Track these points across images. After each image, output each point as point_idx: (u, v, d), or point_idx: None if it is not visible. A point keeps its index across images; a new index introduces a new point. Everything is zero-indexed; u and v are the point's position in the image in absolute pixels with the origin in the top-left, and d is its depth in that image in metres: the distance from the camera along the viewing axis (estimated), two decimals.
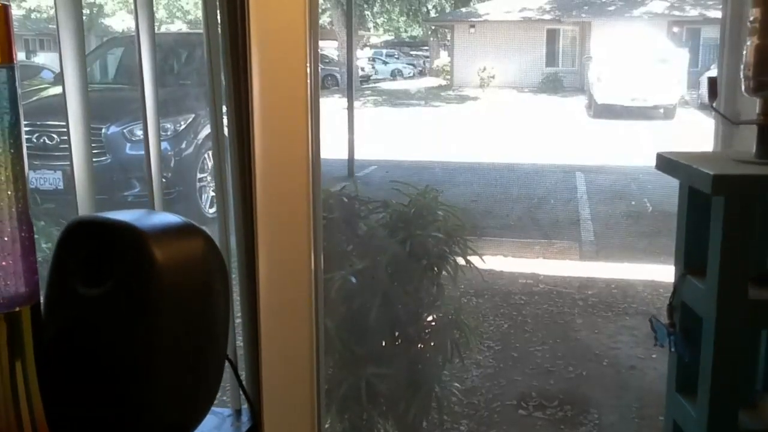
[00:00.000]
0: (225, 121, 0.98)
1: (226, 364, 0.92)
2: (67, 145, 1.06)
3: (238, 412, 1.00)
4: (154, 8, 1.08)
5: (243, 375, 1.01)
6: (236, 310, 1.07)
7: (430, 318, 2.89)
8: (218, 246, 0.88)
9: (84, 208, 0.98)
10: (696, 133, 13.53)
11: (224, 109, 0.98)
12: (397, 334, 2.81)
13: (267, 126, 0.91)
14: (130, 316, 0.78)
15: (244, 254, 0.95)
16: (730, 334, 1.69)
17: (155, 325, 0.78)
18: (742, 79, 1.74)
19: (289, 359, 0.97)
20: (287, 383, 0.97)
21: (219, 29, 0.95)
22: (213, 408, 0.92)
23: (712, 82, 1.87)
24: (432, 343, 2.88)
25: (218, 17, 0.95)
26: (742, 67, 1.73)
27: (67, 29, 0.93)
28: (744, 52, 1.71)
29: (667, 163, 1.91)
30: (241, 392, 0.98)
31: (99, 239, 0.80)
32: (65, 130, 1.06)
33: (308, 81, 0.95)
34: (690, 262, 1.91)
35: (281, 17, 0.92)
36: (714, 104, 1.84)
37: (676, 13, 26.09)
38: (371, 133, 13.57)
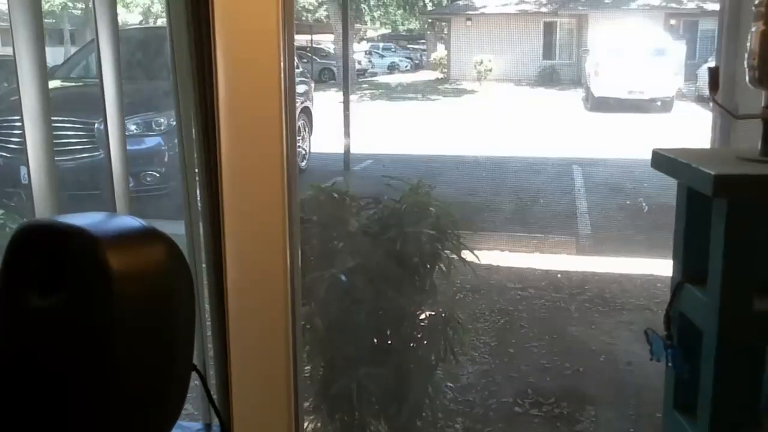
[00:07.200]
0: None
1: (194, 375, 0.87)
2: (60, 141, 0.99)
3: (208, 427, 0.95)
4: (151, 1, 1.01)
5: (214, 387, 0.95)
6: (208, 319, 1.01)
7: (422, 316, 2.84)
8: (184, 251, 0.83)
9: (42, 210, 0.92)
10: (694, 126, 13.47)
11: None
12: (389, 333, 2.76)
13: (234, 124, 0.85)
14: (83, 328, 0.73)
15: (212, 259, 0.89)
16: (732, 348, 1.56)
17: (111, 337, 0.73)
18: (746, 69, 1.59)
19: (262, 369, 0.92)
20: (259, 395, 0.92)
21: (185, 22, 0.89)
22: (182, 423, 0.86)
23: (714, 72, 1.70)
24: (425, 342, 2.83)
25: (183, 9, 0.89)
26: (746, 55, 1.58)
27: (22, 20, 0.87)
28: (748, 39, 1.57)
29: (664, 161, 1.77)
30: (210, 406, 0.92)
31: (51, 245, 0.75)
32: (58, 125, 1.00)
33: (281, 75, 0.89)
34: (689, 270, 1.77)
35: (250, 7, 0.86)
36: (715, 96, 1.70)
37: (673, 5, 26.00)
38: (368, 127, 13.49)
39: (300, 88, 10.78)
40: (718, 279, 1.55)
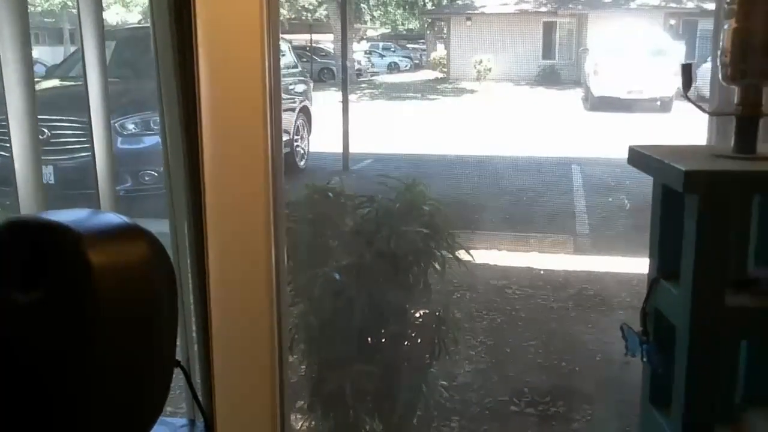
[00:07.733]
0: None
1: (178, 371, 0.87)
2: (59, 140, 0.99)
3: (192, 423, 0.95)
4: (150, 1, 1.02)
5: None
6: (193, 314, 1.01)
7: (417, 315, 2.84)
8: (168, 248, 0.83)
9: (27, 209, 0.93)
10: (692, 126, 13.44)
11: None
12: (383, 331, 2.76)
13: (217, 124, 0.86)
14: (64, 324, 0.73)
15: (195, 256, 0.90)
16: (705, 343, 1.56)
17: (92, 332, 0.73)
18: (719, 67, 1.60)
19: (246, 366, 0.92)
20: (243, 390, 0.92)
21: (168, 21, 0.90)
22: (166, 418, 0.87)
23: (686, 69, 1.71)
24: (419, 341, 2.83)
25: (166, 8, 0.89)
26: (718, 53, 1.59)
27: (7, 18, 0.87)
28: (721, 37, 1.56)
29: (638, 157, 1.79)
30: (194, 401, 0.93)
31: (33, 241, 0.75)
32: (57, 124, 1.00)
33: (265, 74, 0.89)
34: (664, 266, 1.78)
35: (233, 7, 0.86)
36: (687, 93, 1.70)
37: (673, 5, 25.99)
38: (367, 127, 13.49)
39: (299, 88, 10.78)
40: (690, 274, 1.55)
